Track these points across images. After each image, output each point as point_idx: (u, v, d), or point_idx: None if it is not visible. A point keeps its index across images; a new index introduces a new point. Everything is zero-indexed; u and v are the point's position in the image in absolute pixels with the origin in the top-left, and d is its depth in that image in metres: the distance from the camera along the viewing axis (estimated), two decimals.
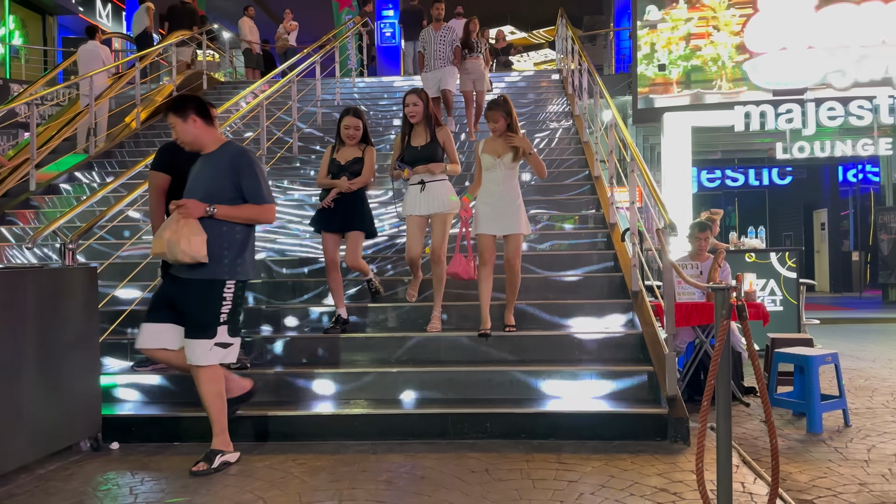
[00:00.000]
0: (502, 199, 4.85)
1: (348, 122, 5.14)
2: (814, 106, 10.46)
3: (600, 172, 7.45)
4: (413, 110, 5.09)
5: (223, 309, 3.67)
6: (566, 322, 5.27)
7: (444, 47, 8.75)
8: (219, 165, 3.68)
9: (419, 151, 5.09)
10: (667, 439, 4.14)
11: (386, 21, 15.59)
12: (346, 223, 5.05)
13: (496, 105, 4.87)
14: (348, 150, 5.15)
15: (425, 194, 5.06)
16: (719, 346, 2.52)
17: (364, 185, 5.12)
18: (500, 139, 4.90)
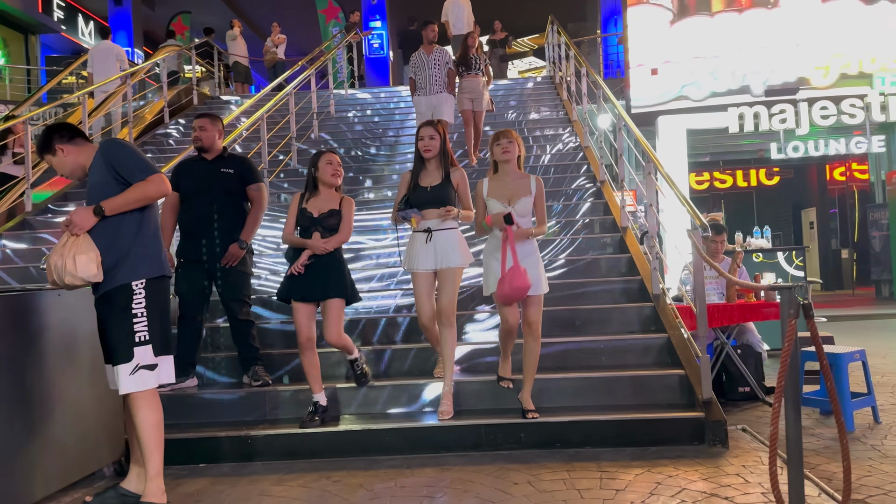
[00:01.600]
0: (524, 252, 4.10)
1: (330, 159, 4.34)
2: (806, 106, 10.55)
3: (606, 176, 7.42)
4: (428, 144, 4.33)
5: (136, 324, 3.14)
6: (586, 327, 5.21)
7: (438, 71, 8.06)
8: (97, 169, 3.25)
9: (429, 193, 4.32)
10: (704, 443, 4.08)
11: (374, 32, 15.53)
12: (322, 289, 4.23)
13: (510, 130, 4.27)
14: (322, 200, 4.32)
15: (432, 245, 4.29)
16: (788, 346, 2.47)
17: (342, 244, 4.36)
18: (512, 179, 4.19)
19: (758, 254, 7.78)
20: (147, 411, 3.15)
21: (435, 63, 8.04)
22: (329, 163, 4.35)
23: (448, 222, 4.31)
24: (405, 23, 14.76)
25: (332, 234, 4.28)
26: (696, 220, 4.27)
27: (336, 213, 4.31)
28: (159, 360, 3.20)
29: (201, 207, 4.61)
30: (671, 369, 4.57)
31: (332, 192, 4.37)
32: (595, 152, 8.11)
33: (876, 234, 13.83)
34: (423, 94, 8.07)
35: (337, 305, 4.25)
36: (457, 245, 4.33)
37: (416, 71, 8.14)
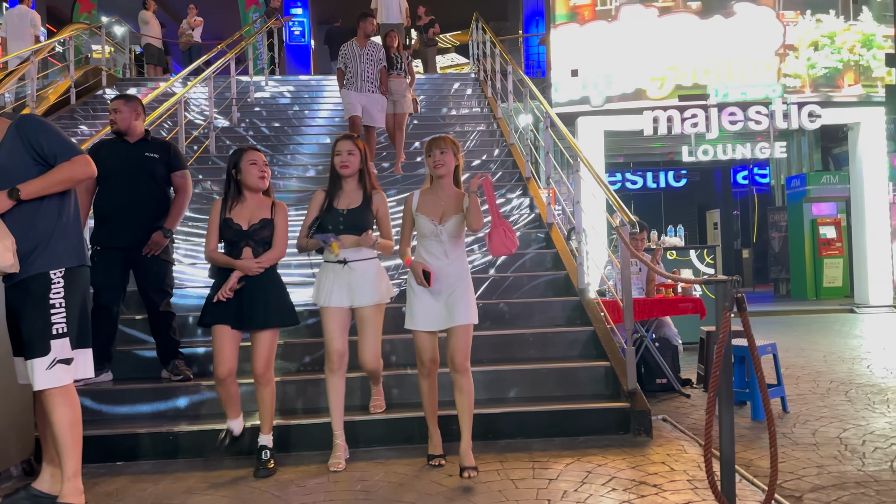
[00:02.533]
0: (446, 280, 3.58)
1: (254, 157, 3.74)
2: (716, 111, 11.05)
3: (531, 173, 7.54)
4: (346, 160, 3.78)
5: (54, 316, 2.92)
6: (515, 320, 5.27)
7: (371, 67, 7.45)
8: (7, 148, 2.92)
9: (346, 217, 3.76)
10: (630, 433, 4.22)
11: (294, 19, 15.19)
12: (263, 317, 3.68)
13: (446, 137, 3.68)
14: (250, 208, 3.74)
15: (347, 277, 3.75)
16: (723, 338, 2.56)
17: (277, 261, 3.79)
18: (446, 194, 3.65)
19: (671, 251, 8.10)
20: (64, 408, 2.93)
21: (368, 58, 7.47)
22: (253, 162, 3.73)
23: (366, 251, 3.78)
24: (328, 10, 14.49)
25: (265, 249, 3.73)
26: (624, 217, 4.38)
27: (268, 222, 3.73)
28: (76, 354, 2.98)
29: (123, 192, 4.36)
30: (597, 361, 4.69)
31: (260, 196, 3.78)
32: (520, 149, 8.22)
33: (775, 236, 14.69)
34: (352, 88, 7.45)
35: (271, 338, 3.73)
36: (374, 278, 3.80)
37: (346, 62, 7.53)
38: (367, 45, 7.51)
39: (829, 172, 13.77)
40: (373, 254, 3.82)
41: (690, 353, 6.95)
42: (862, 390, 5.50)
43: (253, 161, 3.73)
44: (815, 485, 3.45)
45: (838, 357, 7.07)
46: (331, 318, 3.77)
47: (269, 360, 3.73)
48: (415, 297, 3.61)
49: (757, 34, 11.30)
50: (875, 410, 4.86)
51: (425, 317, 3.59)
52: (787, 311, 11.52)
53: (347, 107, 7.54)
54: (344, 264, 3.75)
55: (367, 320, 3.82)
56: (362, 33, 7.55)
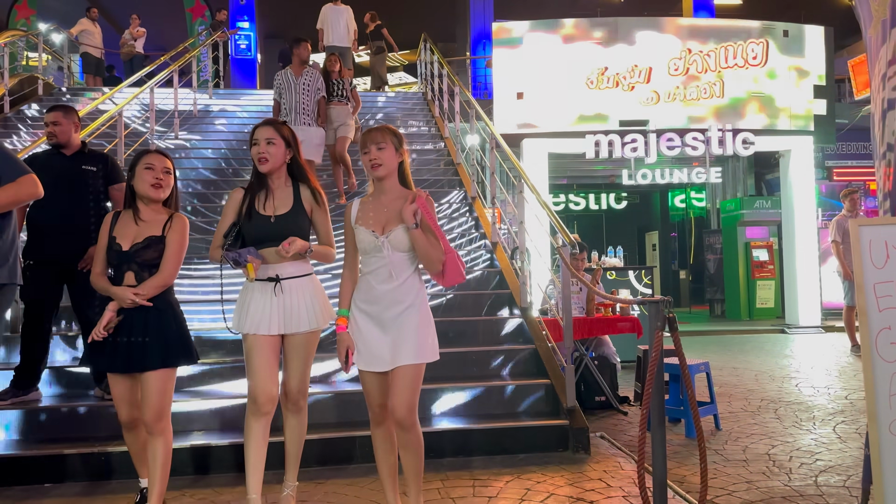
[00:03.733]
0: (393, 308, 2.85)
1: (151, 161, 3.13)
2: (655, 137, 11.40)
3: (477, 193, 7.64)
4: (265, 151, 3.13)
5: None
6: (458, 338, 5.31)
7: (307, 98, 7.01)
8: None
9: (273, 225, 3.11)
10: (569, 449, 4.29)
11: (240, 32, 15.07)
12: (134, 357, 3.03)
13: (383, 128, 2.95)
14: (137, 224, 3.12)
15: (281, 300, 3.10)
16: (655, 356, 2.65)
17: (163, 288, 3.09)
18: (389, 198, 2.92)
19: (611, 272, 8.29)
20: None
21: (304, 88, 7.02)
22: (149, 167, 3.10)
23: (300, 265, 3.17)
24: (276, 24, 14.39)
25: (152, 274, 3.07)
26: (565, 238, 4.49)
27: (157, 241, 3.07)
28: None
29: (58, 205, 4.23)
30: (538, 379, 4.77)
31: (157, 209, 3.16)
32: (467, 169, 8.32)
33: (710, 258, 15.16)
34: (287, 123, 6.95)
35: (163, 378, 3.04)
36: (311, 298, 3.16)
37: (280, 93, 7.05)
38: (304, 74, 7.07)
39: (762, 197, 14.33)
40: (308, 269, 3.22)
41: (628, 371, 7.12)
42: (790, 408, 5.72)
43: (149, 165, 3.09)
44: (744, 500, 3.57)
45: (769, 376, 7.33)
46: (259, 349, 3.06)
47: (160, 408, 3.02)
48: (357, 329, 2.90)
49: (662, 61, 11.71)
50: (802, 427, 5.06)
51: (369, 354, 2.87)
52: (722, 331, 11.89)
53: None
54: (276, 283, 3.10)
55: (297, 348, 3.16)
56: (297, 60, 7.09)
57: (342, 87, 7.60)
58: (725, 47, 11.78)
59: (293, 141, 3.25)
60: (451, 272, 2.88)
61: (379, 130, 2.90)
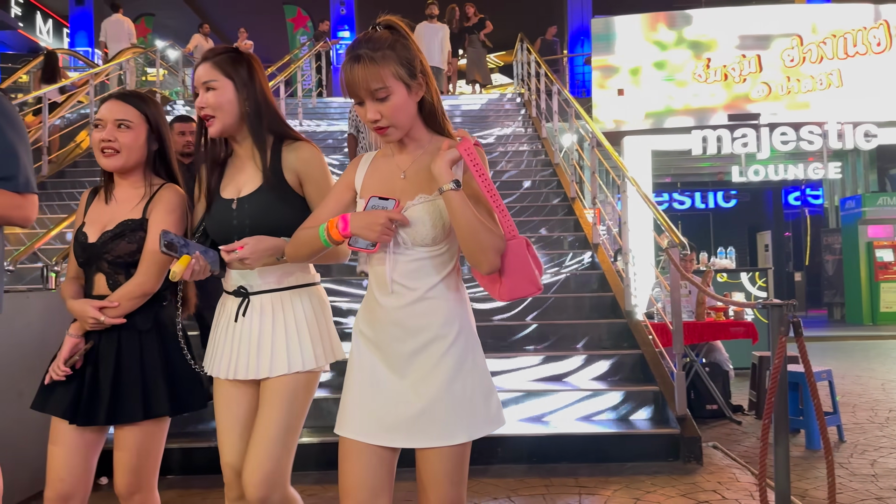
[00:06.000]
0: (405, 338, 1.69)
1: (101, 114, 2.11)
2: (768, 131, 10.84)
3: (577, 193, 7.49)
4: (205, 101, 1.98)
5: None
6: (559, 342, 5.21)
7: None
8: None
9: (236, 212, 2.00)
10: (679, 459, 4.11)
11: (341, 42, 15.47)
12: (95, 404, 2.05)
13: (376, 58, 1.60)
14: (110, 206, 2.15)
15: (248, 325, 2.00)
16: (778, 363, 2.48)
17: (143, 299, 2.08)
18: (411, 156, 1.73)
19: (722, 274, 7.92)
20: None
21: None
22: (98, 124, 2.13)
23: (290, 271, 2.01)
24: None
25: (130, 276, 2.10)
26: (674, 238, 4.31)
27: (135, 227, 2.09)
28: None
29: None
30: (645, 385, 4.60)
31: (134, 183, 2.16)
32: (565, 169, 8.18)
33: (829, 258, 14.26)
34: None
35: (143, 433, 2.07)
36: (299, 325, 1.98)
37: (357, 126, 6.02)
38: None
39: (886, 193, 13.34)
40: (307, 276, 2.04)
41: (742, 379, 6.76)
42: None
43: (98, 122, 2.11)
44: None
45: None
46: (221, 403, 2.05)
47: (139, 474, 2.06)
48: (356, 365, 1.74)
49: None
50: None
51: (368, 413, 1.68)
52: (842, 337, 11.14)
53: None
54: (243, 299, 2.00)
55: (266, 404, 1.95)
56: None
57: None
58: (844, 35, 11.05)
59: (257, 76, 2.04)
60: (516, 273, 1.63)
61: (370, 64, 1.58)
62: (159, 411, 2.06)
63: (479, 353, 1.72)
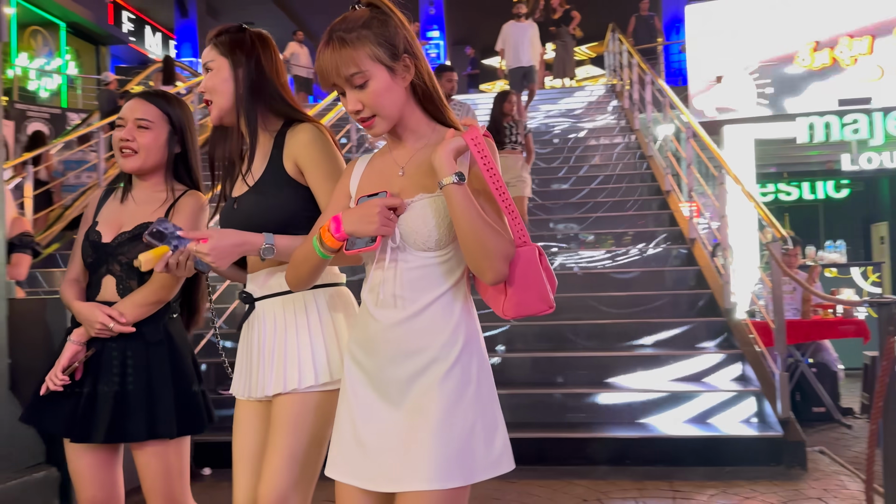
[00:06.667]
0: (400, 361, 1.42)
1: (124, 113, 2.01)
2: (881, 115, 10.12)
3: (672, 186, 7.24)
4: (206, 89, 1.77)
5: None
6: (655, 342, 5.06)
7: None
8: None
9: (236, 213, 1.75)
10: (782, 464, 3.91)
11: (431, 42, 15.61)
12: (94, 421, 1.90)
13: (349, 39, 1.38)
14: (127, 207, 2.04)
15: (254, 337, 1.75)
16: (886, 364, 2.31)
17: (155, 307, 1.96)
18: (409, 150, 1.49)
19: (831, 268, 7.47)
20: None
21: None
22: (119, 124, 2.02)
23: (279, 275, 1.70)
24: (463, 31, 14.61)
25: (143, 282, 1.96)
26: (775, 232, 4.09)
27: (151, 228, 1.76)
28: None
29: None
30: (746, 386, 4.40)
31: (154, 185, 2.06)
32: (659, 162, 7.94)
33: None
34: None
35: (159, 453, 1.94)
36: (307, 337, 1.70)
37: None
38: (451, 107, 5.70)
39: None
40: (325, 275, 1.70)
41: (853, 380, 6.35)
42: None
43: (119, 121, 2.02)
44: None
45: None
46: (235, 424, 1.81)
47: (168, 496, 1.96)
48: (347, 394, 1.50)
49: None
50: None
51: (359, 450, 1.45)
52: None
53: None
54: (248, 306, 1.77)
55: (274, 426, 1.69)
56: (448, 91, 5.80)
57: (515, 132, 6.19)
58: None
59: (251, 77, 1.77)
60: (526, 286, 1.39)
61: (342, 47, 1.37)
62: (164, 432, 1.91)
63: (487, 379, 1.45)
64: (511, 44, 9.49)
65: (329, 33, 1.39)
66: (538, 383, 4.73)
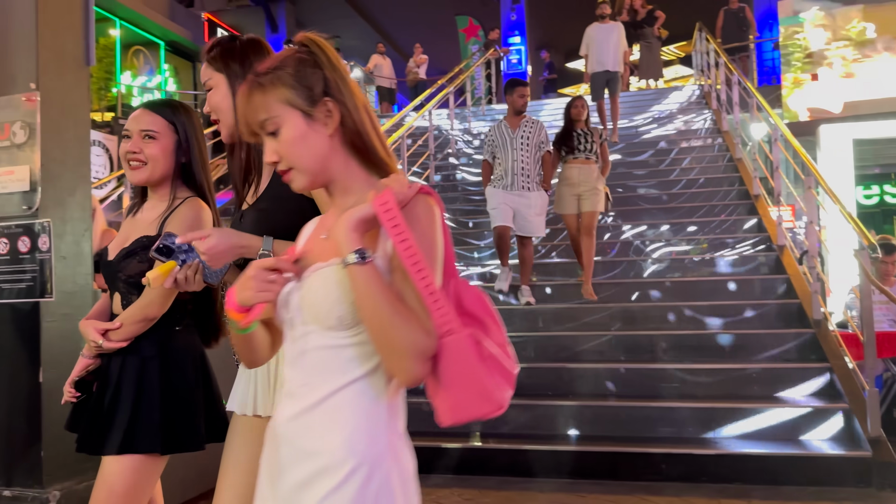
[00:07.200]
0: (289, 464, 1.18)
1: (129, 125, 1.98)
2: None
3: (760, 190, 6.95)
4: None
5: None
6: (738, 354, 4.86)
7: (526, 154, 5.50)
8: None
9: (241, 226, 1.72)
10: (872, 486, 3.68)
11: (512, 49, 15.59)
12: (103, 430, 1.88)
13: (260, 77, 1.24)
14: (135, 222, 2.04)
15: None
16: None
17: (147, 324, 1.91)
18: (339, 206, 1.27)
19: None
20: None
21: (524, 143, 5.53)
22: (126, 135, 1.99)
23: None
24: (545, 36, 14.46)
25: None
26: (863, 239, 3.86)
27: (148, 242, 1.89)
28: None
29: None
30: (833, 402, 4.17)
31: (161, 196, 2.02)
32: (748, 165, 7.63)
33: None
34: (500, 186, 5.54)
35: (119, 469, 1.84)
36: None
37: (493, 151, 5.67)
38: (522, 125, 5.58)
39: None
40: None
41: None
42: None
43: (126, 133, 2.00)
44: None
45: None
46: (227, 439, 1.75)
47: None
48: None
49: None
50: None
51: None
52: None
53: (492, 213, 5.57)
54: None
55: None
56: (512, 110, 5.70)
57: (589, 140, 5.74)
58: None
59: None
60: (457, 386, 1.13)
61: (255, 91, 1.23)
62: (142, 447, 1.84)
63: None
64: (594, 47, 9.12)
65: (249, 76, 1.26)
66: (613, 395, 4.63)
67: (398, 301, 1.11)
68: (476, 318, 1.17)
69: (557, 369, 4.85)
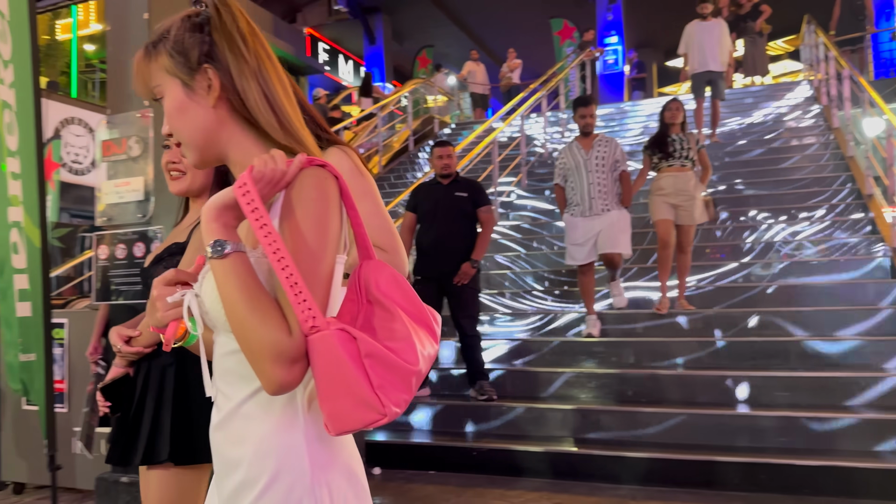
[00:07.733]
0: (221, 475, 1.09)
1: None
2: None
3: (873, 190, 6.54)
4: None
5: None
6: (851, 363, 4.61)
7: (601, 176, 5.23)
8: None
9: None
10: None
11: (608, 49, 15.35)
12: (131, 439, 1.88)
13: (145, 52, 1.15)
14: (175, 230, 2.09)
15: None
16: None
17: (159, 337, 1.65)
18: None
19: None
20: None
21: (598, 164, 5.24)
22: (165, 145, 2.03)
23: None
24: (642, 35, 14.14)
25: None
26: None
27: (177, 249, 1.96)
28: None
29: (437, 229, 4.87)
30: None
31: (203, 202, 2.01)
32: (860, 163, 7.20)
33: None
34: (577, 214, 5.29)
35: (160, 479, 1.83)
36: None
37: (565, 174, 5.40)
38: (595, 145, 5.31)
39: None
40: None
41: None
42: None
43: (166, 142, 2.02)
44: None
45: None
46: None
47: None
48: None
49: None
50: None
51: None
52: None
53: (570, 249, 5.34)
54: None
55: None
56: (581, 129, 5.41)
57: (685, 146, 5.38)
58: None
59: None
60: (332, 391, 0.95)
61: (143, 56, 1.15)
62: (157, 458, 1.80)
63: None
64: (695, 46, 8.59)
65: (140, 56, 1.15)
66: (708, 403, 4.49)
67: (260, 297, 0.96)
68: (383, 305, 1.01)
69: (657, 376, 4.75)
